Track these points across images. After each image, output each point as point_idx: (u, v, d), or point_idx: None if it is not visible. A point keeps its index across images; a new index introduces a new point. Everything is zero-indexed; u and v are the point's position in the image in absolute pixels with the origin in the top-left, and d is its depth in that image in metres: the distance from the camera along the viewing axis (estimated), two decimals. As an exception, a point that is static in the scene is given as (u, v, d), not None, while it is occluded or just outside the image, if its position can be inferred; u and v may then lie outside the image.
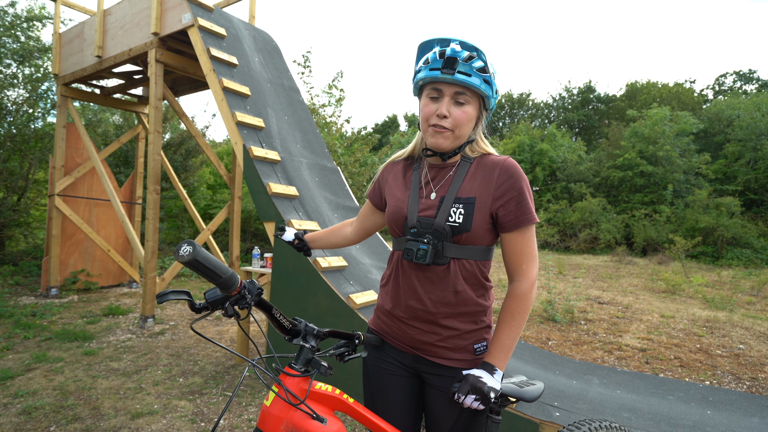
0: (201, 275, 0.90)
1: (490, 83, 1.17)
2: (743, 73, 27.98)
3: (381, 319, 1.35)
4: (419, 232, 1.21)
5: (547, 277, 6.91)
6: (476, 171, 1.23)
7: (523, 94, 34.52)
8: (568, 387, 2.84)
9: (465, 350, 1.24)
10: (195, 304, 0.95)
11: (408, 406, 1.31)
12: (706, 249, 13.94)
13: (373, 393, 1.34)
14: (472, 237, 1.18)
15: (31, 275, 7.35)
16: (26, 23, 7.80)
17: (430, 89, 1.18)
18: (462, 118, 1.17)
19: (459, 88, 1.15)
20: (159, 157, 4.80)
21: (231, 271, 0.94)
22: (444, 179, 1.25)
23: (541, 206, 19.51)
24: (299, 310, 3.23)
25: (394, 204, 1.30)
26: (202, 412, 2.92)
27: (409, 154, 1.38)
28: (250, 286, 0.99)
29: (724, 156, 17.95)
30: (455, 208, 1.18)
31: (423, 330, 1.24)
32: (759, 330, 5.47)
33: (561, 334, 5.19)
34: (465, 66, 1.13)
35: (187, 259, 0.86)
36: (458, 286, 1.19)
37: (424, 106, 1.20)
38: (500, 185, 1.19)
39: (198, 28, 4.19)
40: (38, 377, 3.37)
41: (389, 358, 1.32)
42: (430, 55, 1.17)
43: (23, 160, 8.09)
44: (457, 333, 1.22)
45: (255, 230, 11.31)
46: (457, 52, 1.13)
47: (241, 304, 0.98)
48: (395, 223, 1.28)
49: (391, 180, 1.37)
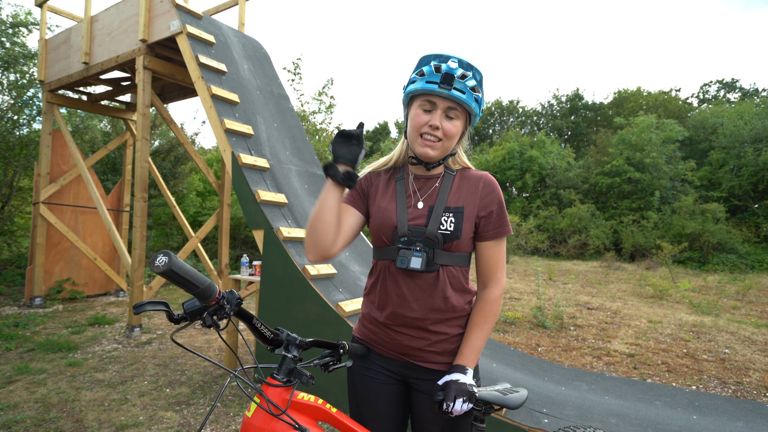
0: (178, 286, 0.90)
1: (479, 102, 1.24)
2: (726, 81, 28.63)
3: (367, 328, 1.35)
4: (410, 241, 1.24)
5: (536, 283, 6.94)
6: (461, 183, 1.30)
7: (512, 102, 34.88)
8: (557, 393, 2.85)
9: (452, 354, 1.28)
10: (173, 315, 0.94)
11: (395, 414, 1.32)
12: (692, 254, 14.14)
13: (359, 402, 1.34)
14: (460, 244, 1.24)
15: (14, 284, 7.20)
16: (11, 29, 7.71)
17: (423, 101, 1.22)
18: (452, 131, 1.23)
19: (452, 103, 1.21)
20: (147, 165, 4.76)
21: (209, 281, 0.94)
22: (430, 189, 1.30)
23: (530, 212, 19.67)
24: (288, 318, 3.21)
25: (380, 213, 1.31)
26: (189, 423, 2.87)
27: (393, 164, 1.39)
28: (229, 296, 0.98)
29: (709, 163, 18.29)
30: (446, 217, 1.24)
31: (412, 336, 1.26)
32: (744, 334, 5.55)
33: (550, 340, 5.21)
34: (460, 83, 1.18)
35: (163, 270, 0.85)
36: (447, 292, 1.24)
37: (415, 116, 1.23)
38: (484, 197, 1.27)
39: (186, 35, 4.18)
40: (20, 390, 3.30)
41: (376, 367, 1.32)
42: (425, 68, 1.21)
43: (7, 167, 7.96)
44: (446, 337, 1.26)
45: (244, 238, 11.23)
46: (453, 69, 1.18)
47: (220, 314, 0.97)
48: (383, 233, 1.29)
49: (375, 189, 1.37)
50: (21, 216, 9.03)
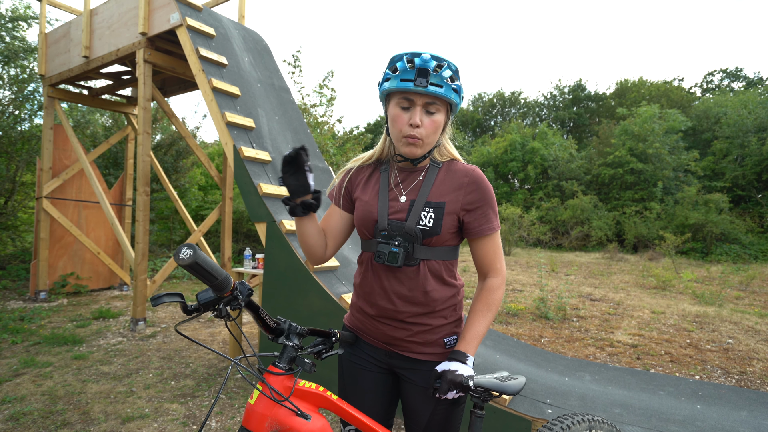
0: (198, 277, 0.93)
1: (458, 91, 1.20)
2: (730, 71, 28.34)
3: (355, 317, 1.38)
4: (390, 235, 1.23)
5: (539, 275, 6.94)
6: (445, 177, 1.27)
7: (514, 93, 34.65)
8: (560, 384, 2.86)
9: (435, 344, 1.28)
10: (187, 306, 0.97)
11: (380, 401, 1.33)
12: (695, 245, 14.10)
13: (346, 388, 1.37)
14: (441, 239, 1.23)
15: (19, 279, 7.24)
16: (11, 23, 7.68)
17: (401, 98, 1.19)
18: (433, 126, 1.20)
19: (430, 98, 1.17)
20: (148, 159, 4.76)
21: (225, 273, 0.97)
22: (414, 183, 1.28)
23: (533, 204, 19.62)
24: (291, 311, 3.22)
25: (362, 207, 1.31)
26: (194, 415, 2.89)
27: (376, 159, 1.38)
28: (241, 287, 1.01)
29: (712, 153, 18.17)
30: (426, 212, 1.22)
31: (394, 327, 1.27)
32: (747, 324, 5.55)
33: (553, 331, 5.22)
34: (436, 77, 1.15)
35: (188, 262, 0.88)
36: (428, 286, 1.23)
37: (396, 115, 1.20)
38: (469, 193, 1.24)
39: (187, 28, 4.15)
40: (26, 382, 3.32)
41: (364, 355, 1.34)
42: (398, 64, 1.17)
43: (10, 162, 7.97)
44: (429, 328, 1.26)
45: (247, 231, 11.24)
46: (427, 61, 1.15)
47: (233, 305, 1.00)
48: (365, 226, 1.29)
49: (358, 184, 1.37)
50: (24, 211, 9.05)
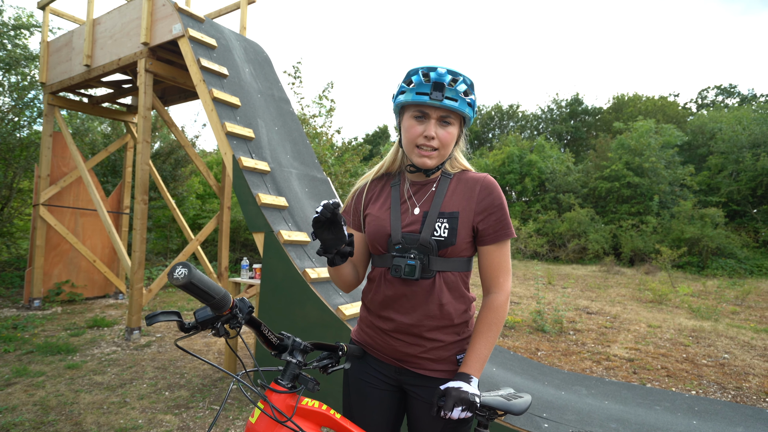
0: (194, 297, 0.88)
1: (472, 106, 1.22)
2: (724, 87, 28.78)
3: (364, 331, 1.35)
4: (404, 248, 1.22)
5: (536, 288, 6.94)
6: (457, 186, 1.27)
7: (512, 106, 34.97)
8: (557, 398, 2.85)
9: (448, 361, 1.26)
10: (185, 324, 0.93)
11: (387, 419, 1.31)
12: (691, 259, 14.16)
13: (352, 404, 1.34)
14: (456, 250, 1.22)
15: (13, 286, 7.19)
16: (13, 31, 7.74)
17: (415, 110, 1.21)
18: (447, 139, 1.21)
19: (445, 112, 1.19)
20: (147, 167, 4.77)
21: (224, 291, 0.92)
22: (426, 194, 1.28)
23: (530, 216, 19.68)
24: (288, 322, 3.20)
25: (374, 222, 1.30)
26: (188, 426, 2.86)
27: (385, 171, 1.38)
28: (241, 304, 0.97)
29: (708, 168, 18.35)
30: (440, 223, 1.21)
31: (407, 342, 1.24)
32: (743, 339, 5.55)
33: (550, 344, 5.21)
34: (451, 91, 1.16)
35: (183, 282, 0.84)
36: (443, 299, 1.22)
37: (410, 127, 1.22)
38: (482, 200, 1.24)
39: (188, 39, 4.20)
40: (18, 392, 3.29)
41: (371, 371, 1.32)
42: (414, 78, 1.19)
43: (8, 168, 7.96)
44: (442, 344, 1.24)
45: (244, 240, 11.22)
46: (442, 76, 1.16)
47: (233, 323, 0.96)
48: (377, 241, 1.28)
49: (368, 200, 1.37)
50: (20, 218, 9.02)
